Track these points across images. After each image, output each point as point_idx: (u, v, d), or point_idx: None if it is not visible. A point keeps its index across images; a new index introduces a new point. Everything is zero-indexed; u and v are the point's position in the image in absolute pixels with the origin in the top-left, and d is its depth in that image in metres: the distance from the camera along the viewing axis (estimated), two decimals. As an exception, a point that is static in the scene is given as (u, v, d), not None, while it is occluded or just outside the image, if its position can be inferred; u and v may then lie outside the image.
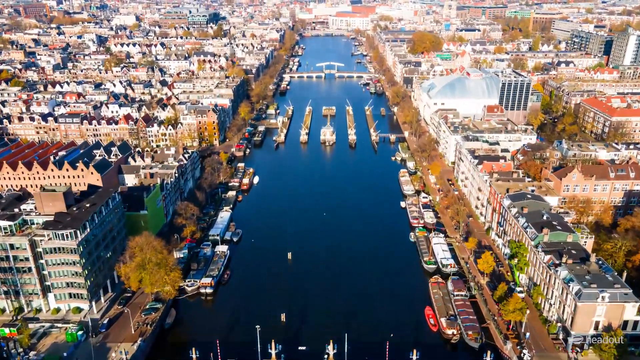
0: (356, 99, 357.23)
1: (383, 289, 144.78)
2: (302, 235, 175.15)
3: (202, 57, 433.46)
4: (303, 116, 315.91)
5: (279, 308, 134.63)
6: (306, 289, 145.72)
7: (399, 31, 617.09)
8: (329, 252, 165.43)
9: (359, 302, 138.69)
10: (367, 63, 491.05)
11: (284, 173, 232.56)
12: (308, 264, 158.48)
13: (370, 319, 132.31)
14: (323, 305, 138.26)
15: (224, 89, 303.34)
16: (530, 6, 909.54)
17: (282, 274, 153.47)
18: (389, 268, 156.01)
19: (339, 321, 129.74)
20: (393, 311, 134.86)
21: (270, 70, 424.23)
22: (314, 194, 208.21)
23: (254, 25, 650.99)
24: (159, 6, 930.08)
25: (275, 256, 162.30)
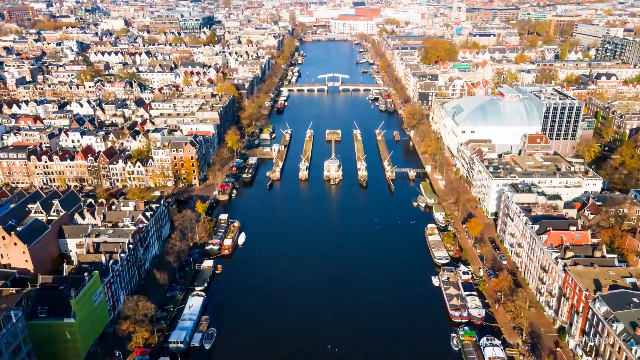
0: (364, 119, 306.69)
1: None
2: (300, 333, 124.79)
3: (189, 68, 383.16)
4: (303, 142, 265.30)
5: None
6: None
7: (407, 36, 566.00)
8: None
9: None
10: (374, 73, 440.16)
11: (277, 226, 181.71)
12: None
13: None
14: None
15: (209, 112, 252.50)
16: (543, 7, 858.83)
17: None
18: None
19: None
20: None
21: (266, 83, 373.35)
22: (314, 262, 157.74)
23: (250, 30, 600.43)
24: (153, 9, 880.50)
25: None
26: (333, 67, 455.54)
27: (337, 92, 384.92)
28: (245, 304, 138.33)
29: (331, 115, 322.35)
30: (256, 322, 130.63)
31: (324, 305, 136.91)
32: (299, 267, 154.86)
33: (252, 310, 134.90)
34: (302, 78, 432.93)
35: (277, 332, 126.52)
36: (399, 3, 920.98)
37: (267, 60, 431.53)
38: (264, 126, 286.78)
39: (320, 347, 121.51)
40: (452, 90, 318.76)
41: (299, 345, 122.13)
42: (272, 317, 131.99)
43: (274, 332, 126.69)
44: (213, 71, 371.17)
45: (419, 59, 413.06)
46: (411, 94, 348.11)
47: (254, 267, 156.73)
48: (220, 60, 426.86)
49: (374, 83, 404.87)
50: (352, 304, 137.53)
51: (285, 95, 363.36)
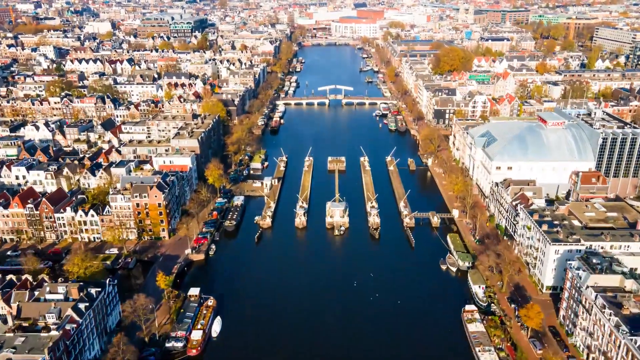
0: (372, 141, 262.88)
1: None
2: None
3: (174, 79, 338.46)
4: (300, 173, 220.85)
5: None
6: None
7: (413, 41, 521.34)
8: None
9: None
10: (380, 83, 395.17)
11: (265, 302, 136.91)
12: None
13: None
14: None
15: (187, 139, 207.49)
16: (553, 9, 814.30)
17: None
18: None
19: None
20: None
21: (260, 97, 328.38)
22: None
23: (245, 33, 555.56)
24: (145, 10, 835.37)
25: None
26: (334, 76, 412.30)
27: (340, 106, 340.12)
28: None
29: (333, 135, 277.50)
30: None
31: None
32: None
33: None
34: (300, 89, 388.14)
35: None
36: (402, 4, 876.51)
37: (262, 68, 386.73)
38: (254, 152, 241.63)
39: None
40: (472, 106, 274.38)
41: None
42: None
43: None
44: (200, 83, 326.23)
45: (430, 69, 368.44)
46: (424, 110, 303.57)
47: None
48: (209, 70, 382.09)
49: (381, 96, 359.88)
50: None
51: (281, 111, 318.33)
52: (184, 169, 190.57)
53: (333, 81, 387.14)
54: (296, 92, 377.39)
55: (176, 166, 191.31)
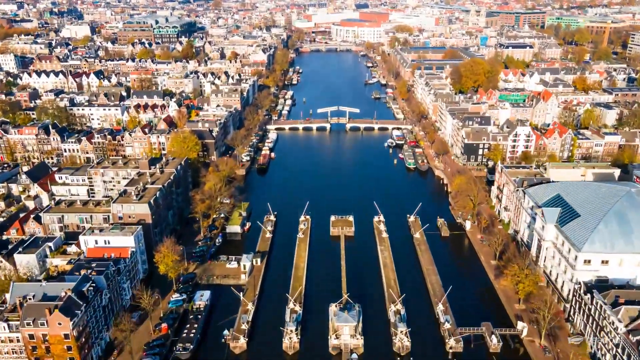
0: (386, 183, 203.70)
1: None
2: None
3: (144, 99, 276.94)
4: (293, 242, 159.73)
5: None
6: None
7: (424, 48, 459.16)
8: None
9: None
10: (389, 101, 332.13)
11: None
12: None
13: None
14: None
15: (133, 203, 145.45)
16: (568, 11, 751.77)
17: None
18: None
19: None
20: None
21: (247, 123, 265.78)
22: None
23: (237, 39, 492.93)
24: (134, 11, 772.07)
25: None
26: (335, 90, 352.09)
27: (344, 131, 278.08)
28: None
29: (337, 176, 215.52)
30: None
31: None
32: None
33: None
34: (297, 107, 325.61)
35: None
36: (406, 6, 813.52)
37: (252, 83, 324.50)
38: (233, 208, 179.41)
39: None
40: (512, 140, 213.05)
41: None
42: None
43: None
44: (174, 106, 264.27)
45: (450, 85, 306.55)
46: (448, 140, 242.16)
47: None
48: (190, 85, 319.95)
49: (392, 118, 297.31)
50: None
51: (272, 140, 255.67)
52: (123, 255, 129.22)
53: (334, 97, 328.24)
54: (292, 112, 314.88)
55: (114, 249, 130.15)
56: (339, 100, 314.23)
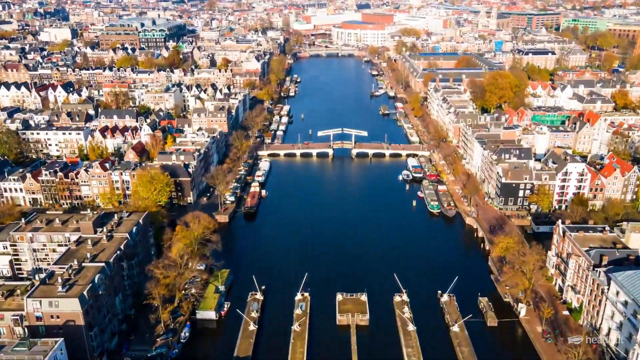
0: (405, 236, 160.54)
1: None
2: None
3: (114, 119, 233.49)
4: (287, 338, 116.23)
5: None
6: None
7: (435, 54, 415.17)
8: None
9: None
10: (400, 117, 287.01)
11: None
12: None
13: None
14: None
15: (59, 297, 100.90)
16: (580, 10, 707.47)
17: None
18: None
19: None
20: None
21: (234, 150, 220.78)
22: None
23: (229, 43, 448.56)
24: (125, 12, 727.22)
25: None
26: (338, 104, 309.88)
27: (349, 157, 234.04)
28: None
29: (343, 227, 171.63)
30: None
31: None
32: None
33: None
34: (294, 124, 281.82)
35: None
36: (410, 6, 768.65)
37: (243, 98, 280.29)
38: (209, 279, 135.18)
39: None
40: (562, 180, 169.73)
41: None
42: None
43: None
44: (147, 129, 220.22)
45: (470, 100, 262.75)
46: (477, 173, 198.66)
47: None
48: (171, 100, 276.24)
49: (405, 140, 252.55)
50: None
51: (263, 171, 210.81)
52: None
53: (336, 112, 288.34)
54: (288, 131, 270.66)
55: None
56: (342, 117, 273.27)
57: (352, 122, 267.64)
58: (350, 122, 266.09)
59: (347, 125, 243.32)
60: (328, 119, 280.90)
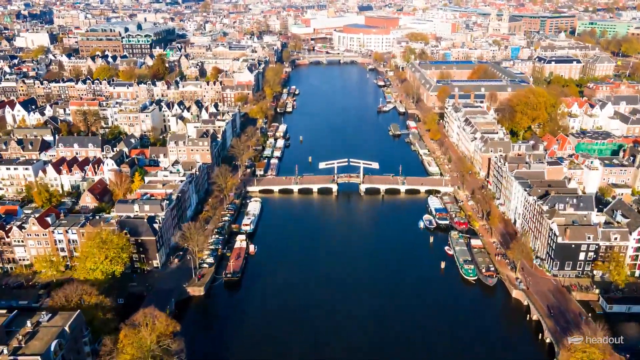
0: (438, 319, 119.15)
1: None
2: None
3: (75, 148, 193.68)
4: None
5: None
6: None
7: (447, 63, 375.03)
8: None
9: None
10: (414, 140, 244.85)
11: None
12: None
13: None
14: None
15: None
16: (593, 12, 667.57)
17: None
18: None
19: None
20: None
21: (216, 190, 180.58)
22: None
23: (222, 50, 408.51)
24: (114, 15, 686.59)
25: None
26: (341, 121, 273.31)
27: (356, 193, 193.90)
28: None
29: (350, 297, 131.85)
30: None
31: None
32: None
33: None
34: (291, 149, 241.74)
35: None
36: (415, 8, 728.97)
37: (231, 119, 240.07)
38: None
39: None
40: (636, 242, 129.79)
41: None
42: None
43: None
44: (110, 164, 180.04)
45: (494, 120, 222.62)
46: (518, 222, 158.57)
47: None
48: (147, 122, 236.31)
49: (423, 172, 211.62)
50: None
51: (252, 216, 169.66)
52: None
53: (340, 130, 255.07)
54: (285, 156, 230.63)
55: None
56: (346, 138, 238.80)
57: (358, 144, 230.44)
58: (356, 144, 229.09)
59: (353, 151, 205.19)
60: (330, 141, 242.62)
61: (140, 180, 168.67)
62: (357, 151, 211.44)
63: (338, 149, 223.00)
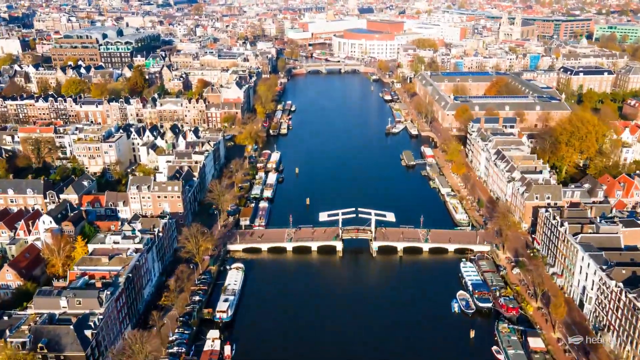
0: None
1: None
2: None
3: (9, 195, 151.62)
4: None
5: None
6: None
7: (462, 74, 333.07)
8: None
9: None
10: (434, 175, 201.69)
11: None
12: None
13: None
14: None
15: None
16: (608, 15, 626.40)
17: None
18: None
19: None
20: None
21: (184, 258, 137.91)
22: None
23: (210, 58, 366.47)
24: (100, 18, 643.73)
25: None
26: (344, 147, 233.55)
27: (367, 253, 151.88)
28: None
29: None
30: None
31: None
32: None
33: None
34: (285, 186, 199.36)
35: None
36: (418, 11, 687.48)
37: (215, 147, 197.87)
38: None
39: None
40: None
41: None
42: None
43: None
44: (47, 221, 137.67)
45: (533, 155, 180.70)
46: (586, 308, 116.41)
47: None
48: (112, 153, 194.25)
49: (449, 222, 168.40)
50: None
51: (230, 297, 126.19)
52: None
53: (342, 159, 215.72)
54: (277, 199, 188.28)
55: None
56: (350, 170, 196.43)
57: (365, 180, 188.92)
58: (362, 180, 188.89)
59: (359, 188, 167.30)
60: (332, 175, 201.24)
61: (85, 247, 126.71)
62: (365, 189, 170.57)
63: (341, 186, 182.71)
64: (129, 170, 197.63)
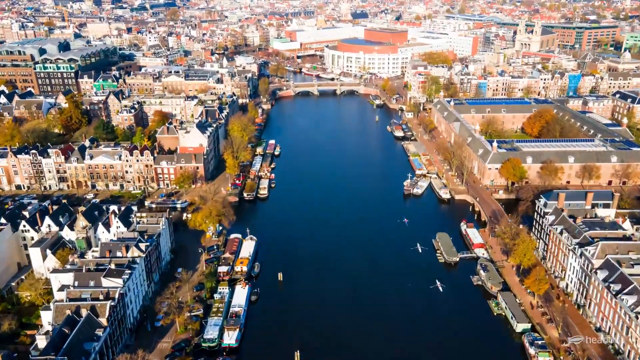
0: None
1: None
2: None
3: None
4: None
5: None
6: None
7: (492, 103, 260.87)
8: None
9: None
10: (493, 287, 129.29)
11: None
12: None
13: None
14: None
15: None
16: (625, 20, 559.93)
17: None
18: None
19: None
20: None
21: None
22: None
23: (174, 80, 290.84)
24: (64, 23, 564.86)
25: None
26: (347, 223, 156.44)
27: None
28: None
29: None
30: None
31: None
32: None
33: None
34: (263, 313, 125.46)
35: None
36: (417, 16, 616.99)
37: (152, 244, 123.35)
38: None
39: None
40: None
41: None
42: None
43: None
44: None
45: None
46: None
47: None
48: (14, 257, 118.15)
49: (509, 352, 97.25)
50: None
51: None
52: None
53: (346, 249, 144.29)
54: (249, 342, 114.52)
55: None
56: (357, 279, 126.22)
57: (385, 302, 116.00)
58: (379, 299, 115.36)
59: (375, 317, 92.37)
60: (331, 286, 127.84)
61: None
62: (384, 318, 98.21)
63: (346, 310, 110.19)
64: (12, 284, 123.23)
